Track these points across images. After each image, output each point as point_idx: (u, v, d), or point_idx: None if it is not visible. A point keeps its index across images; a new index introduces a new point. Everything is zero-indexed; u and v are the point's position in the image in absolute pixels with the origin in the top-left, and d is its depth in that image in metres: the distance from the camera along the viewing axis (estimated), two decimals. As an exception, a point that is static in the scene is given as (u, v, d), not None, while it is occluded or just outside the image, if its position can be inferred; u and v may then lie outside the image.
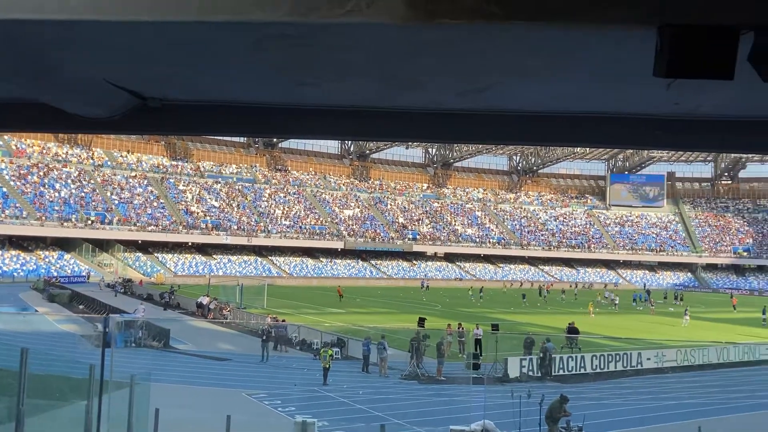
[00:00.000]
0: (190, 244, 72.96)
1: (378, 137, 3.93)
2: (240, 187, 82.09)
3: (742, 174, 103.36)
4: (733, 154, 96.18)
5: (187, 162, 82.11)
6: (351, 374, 23.94)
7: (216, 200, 78.11)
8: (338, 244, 78.63)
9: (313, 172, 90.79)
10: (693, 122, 3.57)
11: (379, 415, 17.61)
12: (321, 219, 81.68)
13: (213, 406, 17.41)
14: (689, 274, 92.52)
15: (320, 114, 3.57)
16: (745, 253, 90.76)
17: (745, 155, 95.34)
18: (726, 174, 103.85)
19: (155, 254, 69.36)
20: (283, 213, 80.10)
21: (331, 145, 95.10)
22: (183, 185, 78.35)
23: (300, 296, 52.30)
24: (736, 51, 2.45)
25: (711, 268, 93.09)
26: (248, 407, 18.39)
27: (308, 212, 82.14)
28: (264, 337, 26.55)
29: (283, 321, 31.20)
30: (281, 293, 52.59)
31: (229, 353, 27.39)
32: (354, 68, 2.49)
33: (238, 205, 78.88)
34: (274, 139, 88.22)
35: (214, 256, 72.51)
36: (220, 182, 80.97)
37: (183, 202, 75.41)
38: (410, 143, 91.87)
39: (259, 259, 74.70)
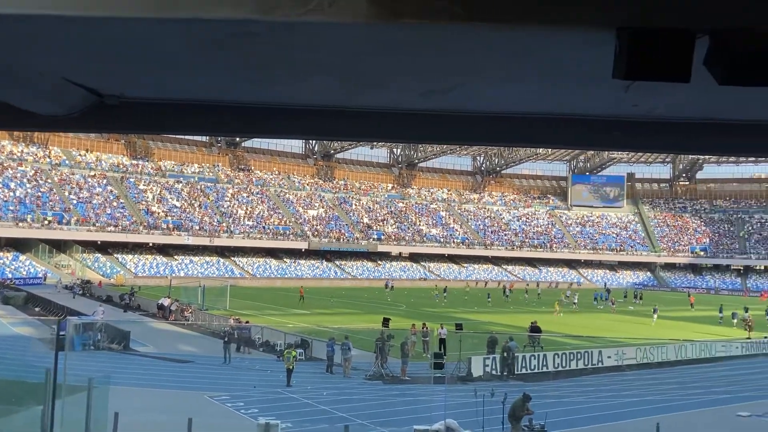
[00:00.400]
0: (150, 244, 71.82)
1: (343, 137, 3.92)
2: (202, 186, 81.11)
3: (699, 175, 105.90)
4: (690, 156, 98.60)
5: (147, 161, 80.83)
6: (315, 375, 23.85)
7: (177, 200, 77.05)
8: (302, 245, 78.26)
9: (276, 172, 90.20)
10: (651, 124, 3.64)
11: (343, 416, 17.57)
12: (285, 219, 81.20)
13: (174, 409, 17.16)
14: (648, 273, 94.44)
15: (284, 113, 3.54)
16: (702, 253, 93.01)
17: (701, 157, 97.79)
18: (684, 175, 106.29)
19: (115, 255, 68.11)
20: (246, 213, 79.39)
21: (295, 145, 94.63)
22: (143, 185, 77.10)
23: (263, 297, 51.90)
24: (692, 54, 2.50)
25: (669, 267, 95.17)
26: (210, 409, 18.17)
27: (272, 212, 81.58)
28: (226, 339, 26.28)
29: (247, 322, 30.93)
30: (244, 294, 52.11)
31: (190, 355, 27.03)
32: (318, 67, 2.47)
33: (200, 205, 77.93)
34: (237, 139, 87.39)
35: (175, 256, 71.51)
36: (181, 182, 79.89)
37: (143, 202, 74.21)
38: (375, 143, 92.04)
39: (222, 259, 73.92)
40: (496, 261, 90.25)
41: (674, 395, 22.33)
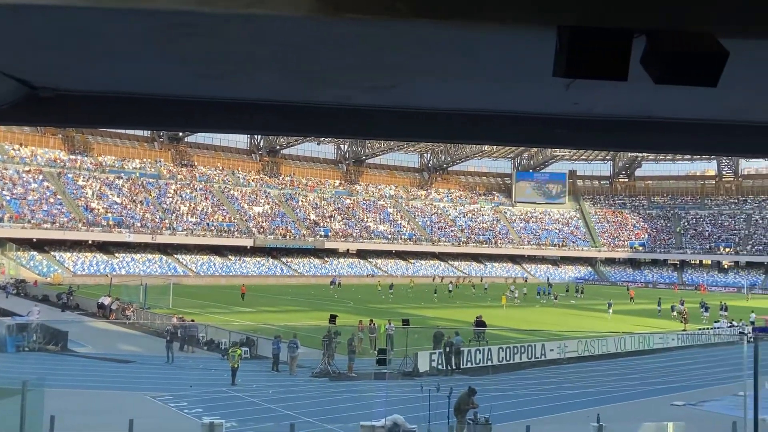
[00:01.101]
0: (90, 242, 69.79)
1: (287, 132, 3.88)
2: (144, 182, 79.22)
3: (638, 172, 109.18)
4: (629, 154, 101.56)
5: (86, 156, 78.42)
6: (260, 374, 23.62)
7: (118, 196, 75.05)
8: (247, 242, 77.33)
9: (220, 168, 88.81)
10: (592, 122, 3.73)
11: (289, 414, 17.46)
12: (229, 216, 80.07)
13: (115, 410, 16.74)
14: (589, 267, 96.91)
15: (227, 107, 3.48)
16: (640, 248, 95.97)
17: (640, 154, 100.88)
18: (623, 172, 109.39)
19: (52, 253, 65.88)
20: (189, 210, 77.93)
21: (240, 140, 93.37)
22: (82, 180, 74.79)
23: (208, 295, 51.11)
24: (630, 53, 2.57)
25: (609, 262, 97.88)
26: (152, 410, 17.79)
27: (216, 209, 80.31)
28: (169, 338, 25.77)
29: (192, 321, 30.40)
30: (188, 292, 51.24)
31: (132, 355, 26.41)
32: (260, 61, 2.43)
33: (141, 201, 76.10)
34: (180, 134, 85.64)
35: (116, 254, 69.66)
36: (122, 177, 77.84)
37: (82, 198, 72.00)
38: (321, 139, 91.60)
39: (164, 257, 72.39)
40: (443, 257, 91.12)
41: (614, 386, 23.01)
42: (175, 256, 73.32)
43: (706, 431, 16.21)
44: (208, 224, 76.20)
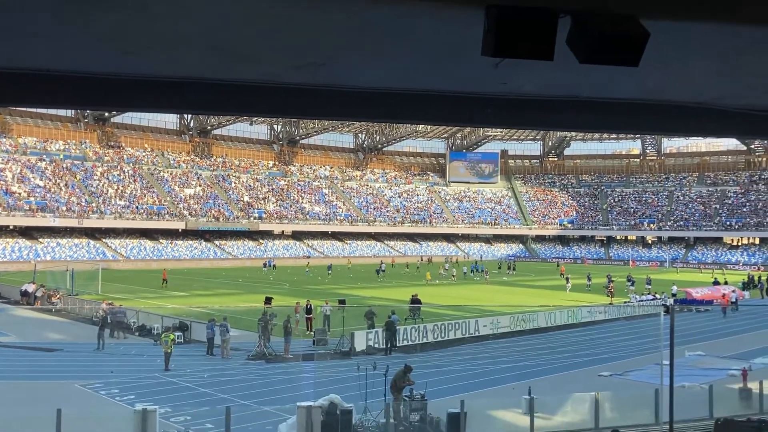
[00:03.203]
0: (11, 227, 66.82)
1: (216, 111, 3.79)
2: (68, 165, 76.19)
3: (567, 152, 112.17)
4: (558, 133, 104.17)
5: (5, 137, 74.75)
6: (195, 358, 23.28)
7: (41, 179, 71.96)
8: (179, 225, 75.64)
9: (149, 149, 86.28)
10: (520, 101, 3.81)
11: (225, 397, 17.29)
12: (160, 198, 78.04)
13: (41, 401, 16.19)
14: (521, 245, 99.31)
15: (153, 85, 3.37)
16: (569, 225, 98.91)
17: (568, 134, 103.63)
18: (553, 152, 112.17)
19: (-30, 239, 62.85)
20: (117, 192, 75.52)
21: (169, 120, 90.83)
22: (2, 163, 71.34)
23: (139, 280, 49.85)
24: (555, 33, 2.62)
25: (540, 239, 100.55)
26: (82, 399, 17.31)
27: (145, 191, 78.10)
28: (101, 324, 25.05)
29: (120, 306, 29.62)
30: (118, 277, 49.87)
31: (59, 343, 25.55)
32: (183, 38, 2.36)
33: (66, 184, 73.22)
34: (106, 114, 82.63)
35: (40, 240, 66.97)
36: (45, 160, 74.61)
37: (2, 182, 68.72)
38: (254, 119, 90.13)
39: (92, 242, 70.08)
40: (379, 237, 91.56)
41: (544, 360, 23.74)
42: (104, 240, 71.08)
43: (631, 399, 16.92)
44: (137, 207, 74.08)
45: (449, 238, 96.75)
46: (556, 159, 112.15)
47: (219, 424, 13.72)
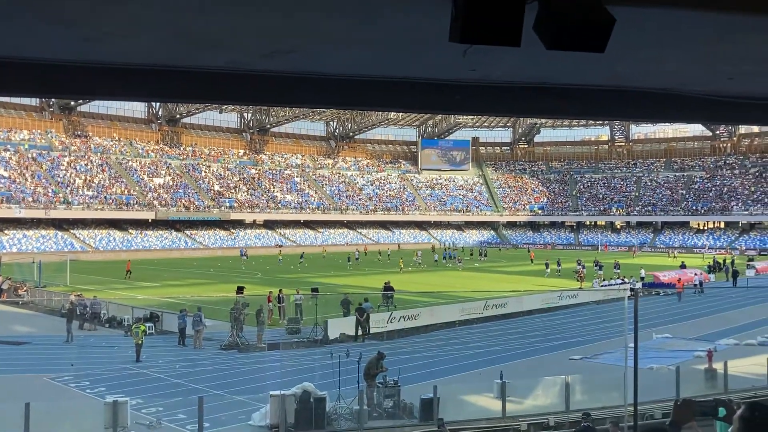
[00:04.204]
0: (-25, 219, 65.39)
1: (185, 99, 3.74)
2: (33, 154, 74.63)
3: (537, 138, 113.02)
4: (528, 120, 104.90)
5: (-33, 127, 72.98)
6: (166, 349, 23.10)
7: (5, 170, 70.39)
8: (149, 215, 74.68)
9: (117, 138, 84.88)
10: (490, 88, 3.82)
11: (198, 388, 17.21)
12: (128, 188, 76.92)
13: (9, 395, 15.94)
14: (492, 231, 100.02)
15: (117, 73, 3.31)
16: (539, 211, 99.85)
17: (538, 121, 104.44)
18: (523, 139, 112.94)
19: (-68, 232, 61.33)
20: (85, 182, 74.23)
21: (137, 109, 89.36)
22: (-37, 153, 69.68)
23: (108, 271, 49.19)
24: (522, 19, 2.63)
25: (511, 225, 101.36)
26: (51, 392, 17.07)
27: (114, 181, 76.89)
28: (68, 316, 24.69)
29: (95, 297, 29.20)
30: (87, 269, 49.18)
31: (27, 336, 25.13)
32: (146, 23, 2.32)
33: (32, 174, 71.75)
34: (72, 102, 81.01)
35: (5, 231, 65.61)
36: (9, 150, 72.96)
37: (-36, 173, 67.15)
38: (223, 107, 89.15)
39: (60, 233, 68.87)
40: (352, 225, 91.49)
41: (516, 344, 24.03)
42: (72, 231, 69.91)
43: (600, 382, 17.23)
44: (105, 197, 72.93)
45: (422, 225, 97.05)
46: (526, 146, 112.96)
47: (192, 414, 13.66)
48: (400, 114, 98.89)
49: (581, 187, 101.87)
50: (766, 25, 3.09)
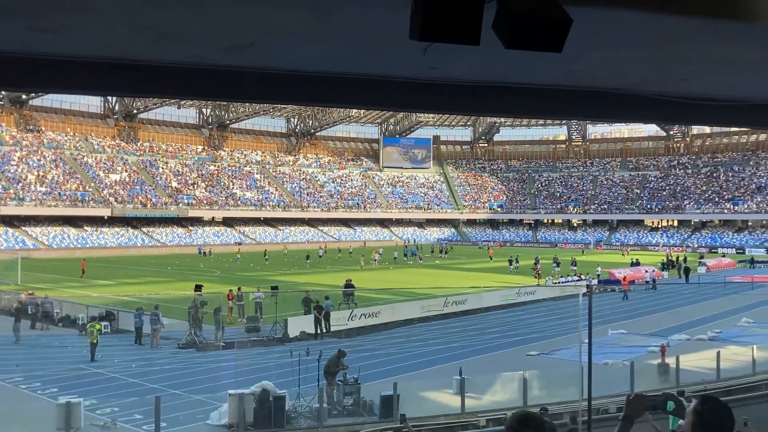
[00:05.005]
0: None
1: (143, 93, 3.68)
2: (-17, 149, 72.42)
3: (496, 137, 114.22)
4: (488, 119, 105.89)
5: None
6: (122, 348, 22.67)
7: (-47, 165, 68.18)
8: (105, 212, 73.15)
9: (72, 133, 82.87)
10: (449, 86, 3.84)
11: (155, 387, 16.93)
12: (84, 184, 75.19)
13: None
14: (453, 229, 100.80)
15: (70, 66, 3.23)
16: (498, 209, 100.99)
17: (498, 120, 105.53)
18: (483, 137, 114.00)
19: None
20: (37, 178, 72.30)
21: (93, 104, 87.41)
22: None
23: (62, 269, 48.02)
24: (482, 17, 2.65)
25: (471, 223, 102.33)
26: (0, 394, 16.59)
27: (68, 177, 75.08)
28: (16, 316, 24.00)
29: (45, 296, 28.46)
30: (39, 267, 47.93)
31: (-25, 337, 24.37)
32: (103, 15, 2.27)
33: (-19, 169, 69.63)
34: (23, 96, 78.77)
35: (-47, 228, 63.58)
36: (-43, 144, 70.70)
37: None
38: (182, 102, 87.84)
39: (10, 230, 66.95)
40: (313, 223, 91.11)
41: (475, 341, 24.25)
42: (23, 228, 68.04)
43: (557, 377, 17.48)
44: (59, 194, 71.17)
45: (383, 222, 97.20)
46: (486, 145, 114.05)
47: (148, 414, 13.43)
48: (362, 111, 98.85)
49: (539, 185, 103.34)
50: (716, 27, 3.18)
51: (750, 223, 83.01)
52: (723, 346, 21.42)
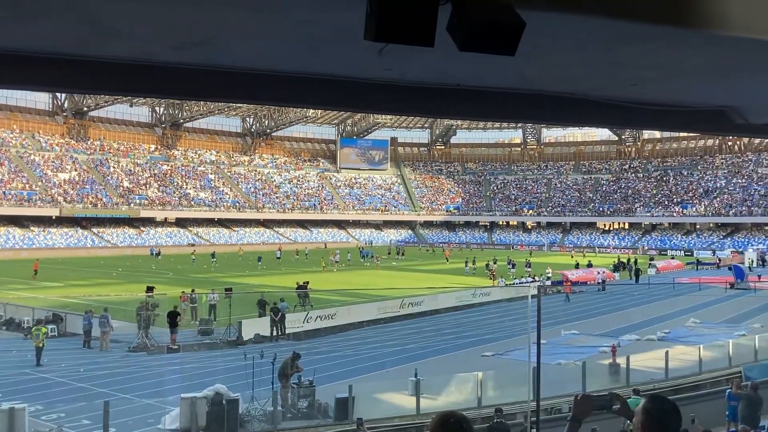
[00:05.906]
0: None
1: (91, 90, 3.56)
2: (-76, 146, 69.69)
3: (453, 140, 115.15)
4: (446, 121, 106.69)
5: None
6: (70, 352, 22.06)
7: None
8: (53, 212, 71.13)
9: (18, 130, 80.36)
10: (405, 88, 3.82)
11: (104, 392, 16.50)
12: (30, 183, 73.00)
13: None
14: (410, 230, 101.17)
15: (12, 60, 3.09)
16: (455, 211, 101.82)
17: (455, 122, 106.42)
18: (440, 140, 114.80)
19: None
20: (-18, 177, 69.95)
21: (41, 100, 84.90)
22: None
23: (6, 271, 46.52)
24: (436, 19, 2.64)
25: (428, 225, 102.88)
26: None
27: (14, 176, 72.78)
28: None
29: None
30: (-17, 268, 46.33)
31: None
32: (44, 8, 2.18)
33: None
34: (-32, 91, 76.12)
35: None
36: None
37: None
38: (134, 100, 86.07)
39: (-47, 229, 64.64)
40: (268, 224, 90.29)
41: (430, 342, 24.35)
42: (-34, 228, 65.73)
43: (511, 377, 17.67)
44: (4, 193, 68.95)
45: (340, 224, 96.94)
46: (443, 147, 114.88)
47: (97, 419, 13.09)
48: (319, 112, 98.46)
49: (495, 188, 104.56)
50: (666, 33, 3.23)
51: (698, 226, 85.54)
52: (671, 346, 22.01)
